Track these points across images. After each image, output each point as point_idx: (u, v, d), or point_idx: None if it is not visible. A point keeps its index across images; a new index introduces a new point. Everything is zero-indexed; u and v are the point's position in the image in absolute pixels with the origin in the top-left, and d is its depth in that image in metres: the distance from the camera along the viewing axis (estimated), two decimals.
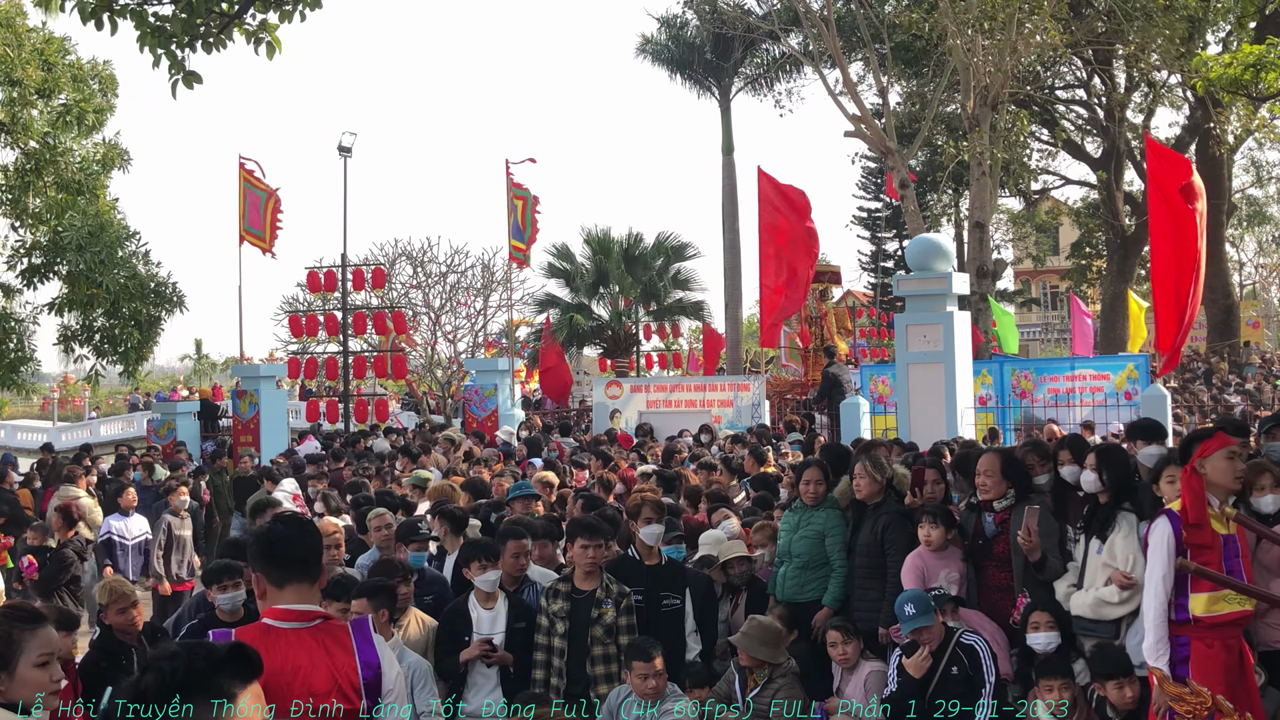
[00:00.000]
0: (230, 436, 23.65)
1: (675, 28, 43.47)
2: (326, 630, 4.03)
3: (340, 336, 26.01)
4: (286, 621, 3.97)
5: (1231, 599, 5.63)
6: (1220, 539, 5.71)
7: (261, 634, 3.92)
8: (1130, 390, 18.57)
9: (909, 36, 30.08)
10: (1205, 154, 34.65)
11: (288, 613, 3.99)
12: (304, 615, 4.00)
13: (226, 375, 57.34)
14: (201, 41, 7.83)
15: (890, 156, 26.44)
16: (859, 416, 18.70)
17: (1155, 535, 5.87)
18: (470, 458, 15.17)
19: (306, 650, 3.93)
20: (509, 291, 29.53)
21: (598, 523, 7.31)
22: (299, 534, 4.15)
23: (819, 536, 7.84)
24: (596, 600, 6.98)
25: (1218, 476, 5.75)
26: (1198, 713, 5.00)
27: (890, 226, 50.25)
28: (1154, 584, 5.80)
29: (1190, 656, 5.62)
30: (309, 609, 4.03)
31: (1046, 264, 56.88)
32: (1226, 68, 15.22)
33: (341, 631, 4.07)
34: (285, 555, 4.05)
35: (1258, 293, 64.63)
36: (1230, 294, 39.35)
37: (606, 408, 22.48)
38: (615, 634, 6.94)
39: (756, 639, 6.94)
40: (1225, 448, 5.78)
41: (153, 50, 7.64)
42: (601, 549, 7.10)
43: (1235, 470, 5.79)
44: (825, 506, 7.97)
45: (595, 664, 6.91)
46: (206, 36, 7.83)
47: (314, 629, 4.00)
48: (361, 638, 4.08)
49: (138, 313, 20.41)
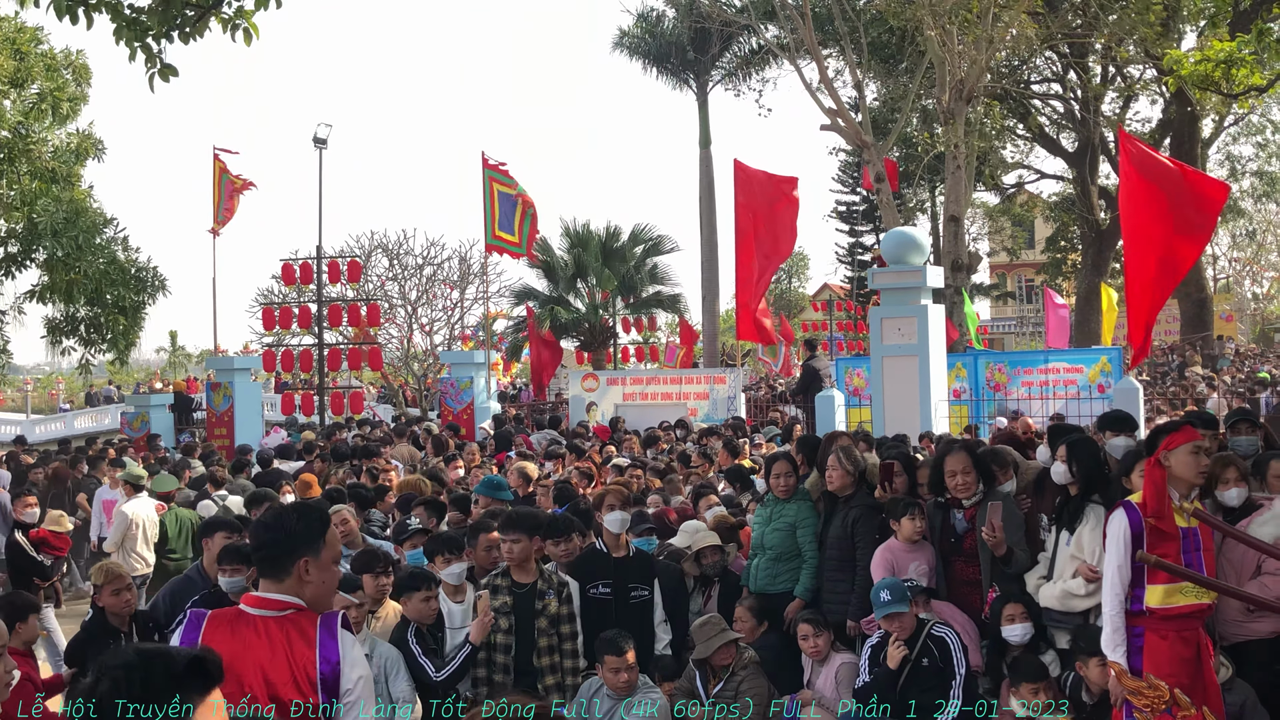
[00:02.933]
0: (205, 429, 23.56)
1: (652, 22, 43.50)
2: (294, 621, 4.03)
3: (315, 329, 25.93)
4: (260, 609, 4.02)
5: (1188, 592, 5.65)
6: (1180, 532, 5.74)
7: (234, 617, 4.01)
8: (1103, 383, 18.68)
9: (885, 31, 30.17)
10: (1179, 148, 34.83)
11: (264, 601, 4.04)
12: (278, 605, 4.03)
13: (201, 368, 57.08)
14: (178, 31, 7.79)
15: (867, 150, 26.52)
16: (834, 409, 18.76)
17: (1113, 527, 5.89)
18: (441, 450, 15.14)
19: (269, 639, 3.95)
20: (485, 284, 29.49)
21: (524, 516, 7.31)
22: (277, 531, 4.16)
23: (790, 529, 7.86)
24: (539, 592, 6.98)
25: (1181, 470, 5.77)
26: (1155, 706, 5.03)
27: (867, 220, 50.37)
28: (1110, 575, 5.85)
29: (1144, 648, 5.65)
30: (284, 599, 4.04)
31: (1021, 257, 57.13)
32: (1198, 64, 15.31)
33: (309, 624, 4.06)
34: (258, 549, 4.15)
35: (1231, 287, 65.04)
36: (1204, 288, 39.58)
37: (583, 400, 22.47)
38: (557, 624, 6.96)
39: (701, 639, 6.99)
40: (1191, 442, 5.79)
41: (129, 44, 7.60)
42: (522, 544, 7.06)
43: (1199, 465, 5.81)
44: (796, 499, 7.98)
45: (540, 655, 6.92)
46: (183, 26, 7.79)
47: (282, 619, 4.01)
48: (327, 633, 4.05)
49: (120, 299, 20.33)
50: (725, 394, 21.91)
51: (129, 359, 22.42)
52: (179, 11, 7.65)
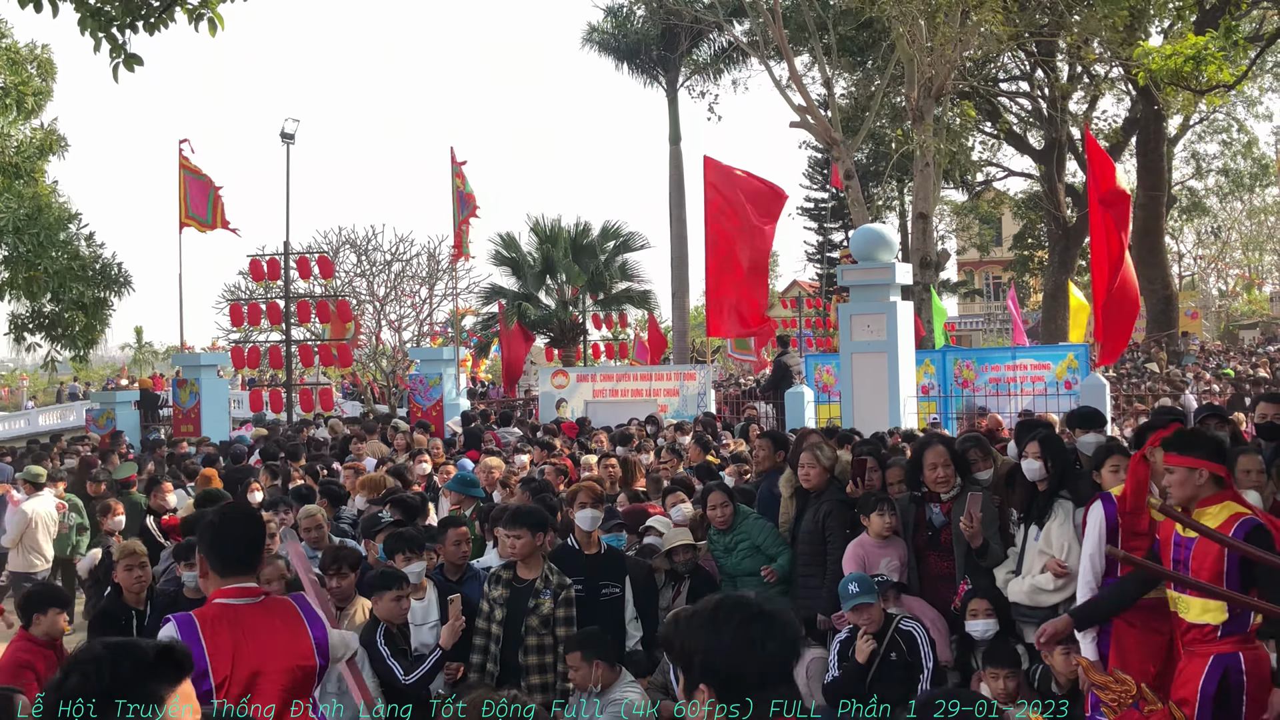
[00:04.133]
0: (171, 426, 23.39)
1: (622, 18, 43.42)
2: (274, 604, 4.55)
3: (283, 325, 25.78)
4: (240, 598, 4.42)
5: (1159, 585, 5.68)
6: (1155, 528, 5.77)
7: (219, 613, 4.36)
8: (1070, 379, 18.78)
9: (854, 28, 30.23)
10: (1146, 146, 35.06)
11: (239, 590, 4.43)
12: (250, 592, 4.46)
13: (168, 364, 56.66)
14: (143, 22, 7.73)
15: (835, 147, 26.57)
16: (804, 405, 18.81)
17: (1091, 517, 5.99)
18: (411, 447, 15.08)
19: (267, 619, 4.42)
20: (454, 281, 29.41)
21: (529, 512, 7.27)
22: (246, 529, 4.59)
23: (754, 548, 7.89)
24: (535, 590, 6.95)
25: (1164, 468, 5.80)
26: (1122, 701, 5.04)
27: (836, 217, 50.49)
28: (1084, 564, 5.97)
29: (1112, 636, 5.70)
30: (252, 587, 4.49)
31: (989, 255, 57.43)
32: (1168, 59, 15.40)
33: (285, 604, 4.59)
34: (231, 550, 4.51)
35: (1196, 284, 65.57)
36: (1169, 285, 39.82)
37: (553, 397, 22.42)
38: (552, 625, 6.92)
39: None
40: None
41: (93, 34, 7.54)
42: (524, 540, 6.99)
43: None
44: (740, 519, 7.97)
45: (528, 653, 6.87)
46: (148, 17, 7.72)
47: (263, 603, 4.48)
48: (305, 607, 4.64)
49: (83, 295, 20.17)
50: (695, 390, 21.92)
51: (90, 356, 22.23)
52: (143, 1, 7.59)
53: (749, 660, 2.81)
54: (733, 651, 2.81)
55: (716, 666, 2.81)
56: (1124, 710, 5.05)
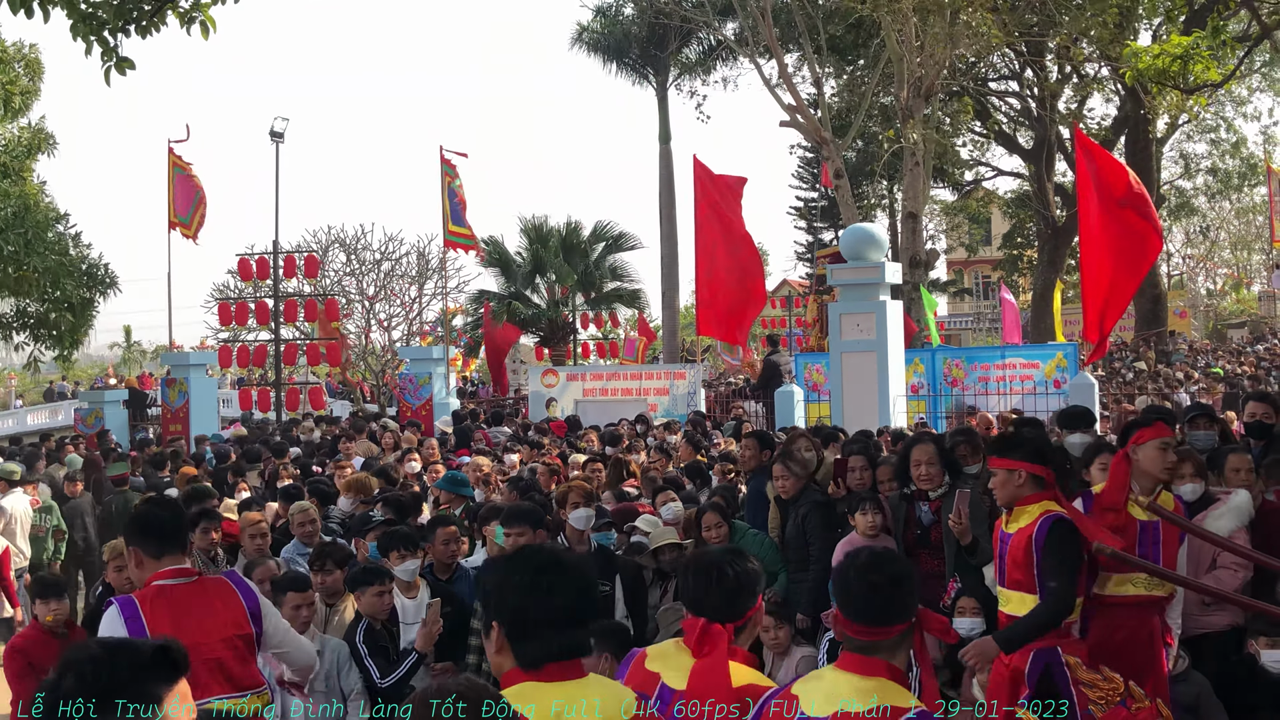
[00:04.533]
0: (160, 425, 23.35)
1: (611, 17, 43.41)
2: (209, 582, 5.01)
3: (272, 324, 25.72)
4: (175, 579, 4.85)
5: (1138, 582, 5.72)
6: (1137, 525, 5.79)
7: (158, 593, 4.77)
8: (1059, 379, 18.81)
9: (844, 28, 30.24)
10: (1135, 146, 35.12)
11: (175, 572, 4.86)
12: (186, 573, 4.91)
13: (156, 363, 56.50)
14: (135, 26, 7.71)
15: (825, 147, 26.59)
16: (793, 404, 18.82)
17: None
18: (399, 446, 15.07)
19: (203, 597, 4.86)
20: (444, 280, 29.37)
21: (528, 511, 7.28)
22: (170, 513, 5.07)
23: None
24: None
25: (1148, 465, 5.84)
26: (1110, 699, 5.06)
27: (826, 217, 50.52)
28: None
29: (1090, 633, 5.71)
30: (187, 568, 4.96)
31: (978, 254, 57.48)
32: (1155, 59, 15.41)
33: (219, 581, 5.06)
34: (160, 532, 4.94)
35: (1184, 283, 65.72)
36: (1158, 284, 39.93)
37: (543, 396, 22.41)
38: None
39: (664, 623, 7.02)
40: (1160, 438, 5.87)
41: (85, 38, 7.52)
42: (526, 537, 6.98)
43: (1165, 461, 5.87)
44: (736, 537, 7.91)
45: None
46: (140, 20, 7.70)
47: (197, 583, 4.92)
48: (237, 579, 5.17)
49: (70, 295, 20.14)
50: (685, 389, 21.92)
51: (75, 356, 22.21)
52: (135, 5, 7.57)
53: (537, 603, 3.09)
54: (522, 593, 3.10)
55: (508, 605, 3.11)
56: (1112, 708, 5.06)
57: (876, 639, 3.34)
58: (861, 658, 3.34)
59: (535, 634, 3.08)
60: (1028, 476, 5.48)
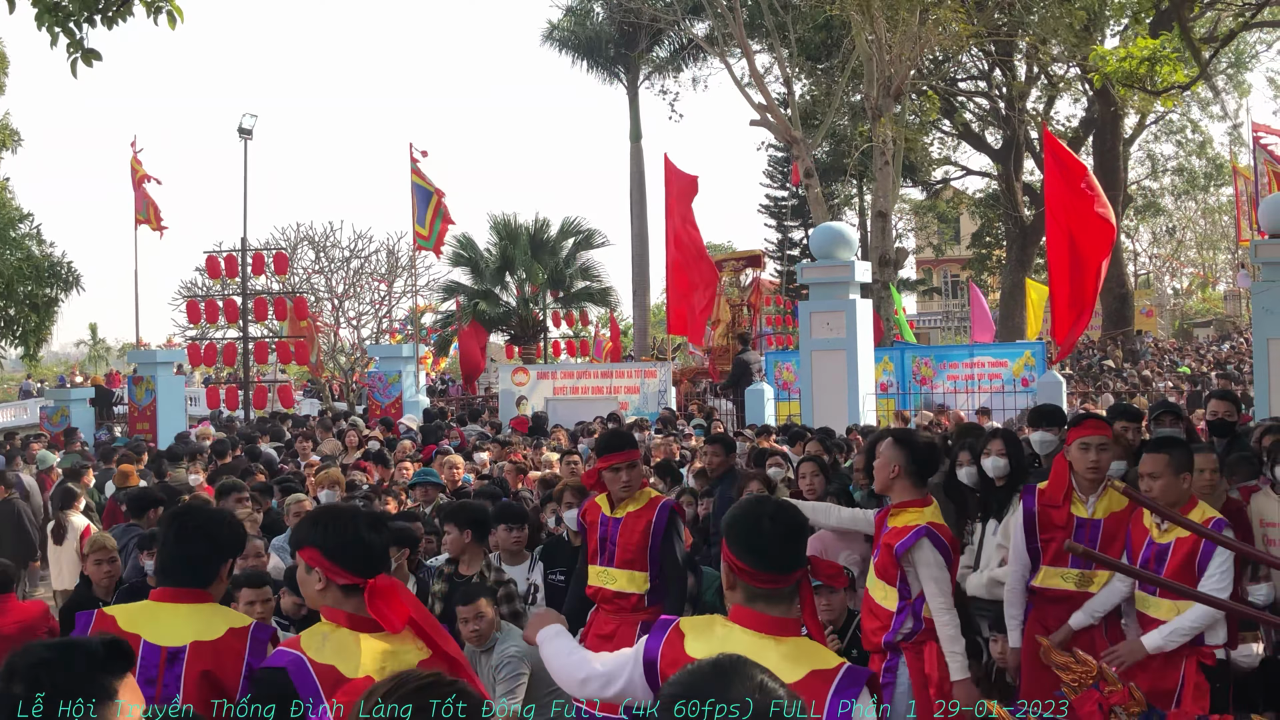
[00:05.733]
0: (126, 423, 23.20)
1: (581, 15, 43.38)
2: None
3: (240, 322, 25.58)
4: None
5: (1069, 578, 5.94)
6: (1075, 522, 5.94)
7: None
8: (1027, 377, 18.94)
9: (814, 27, 30.33)
10: (1102, 146, 35.37)
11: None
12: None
13: (124, 361, 56.09)
14: (101, 16, 7.64)
15: (795, 145, 26.66)
16: (763, 403, 18.87)
17: (1015, 510, 6.24)
18: (362, 445, 15.01)
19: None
20: (414, 278, 29.27)
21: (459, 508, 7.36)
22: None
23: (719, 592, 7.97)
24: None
25: (1074, 463, 6.01)
26: (1083, 682, 5.10)
27: (796, 215, 50.67)
28: (1010, 555, 6.23)
29: (1026, 622, 5.96)
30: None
31: (947, 253, 57.75)
32: (1123, 61, 15.54)
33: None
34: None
35: (1151, 282, 66.22)
36: (1125, 283, 40.23)
37: (513, 394, 22.37)
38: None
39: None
40: (1080, 438, 6.01)
41: (50, 29, 7.45)
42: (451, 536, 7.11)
43: (1085, 460, 5.96)
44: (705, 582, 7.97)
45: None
46: (106, 11, 7.63)
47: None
48: None
49: (33, 294, 20.00)
50: (656, 387, 21.92)
51: (39, 354, 22.05)
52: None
53: (354, 546, 3.52)
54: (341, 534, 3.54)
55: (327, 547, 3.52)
56: (1084, 690, 5.09)
57: (781, 586, 3.31)
58: (765, 616, 3.29)
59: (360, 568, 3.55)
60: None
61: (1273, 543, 6.76)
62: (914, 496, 5.63)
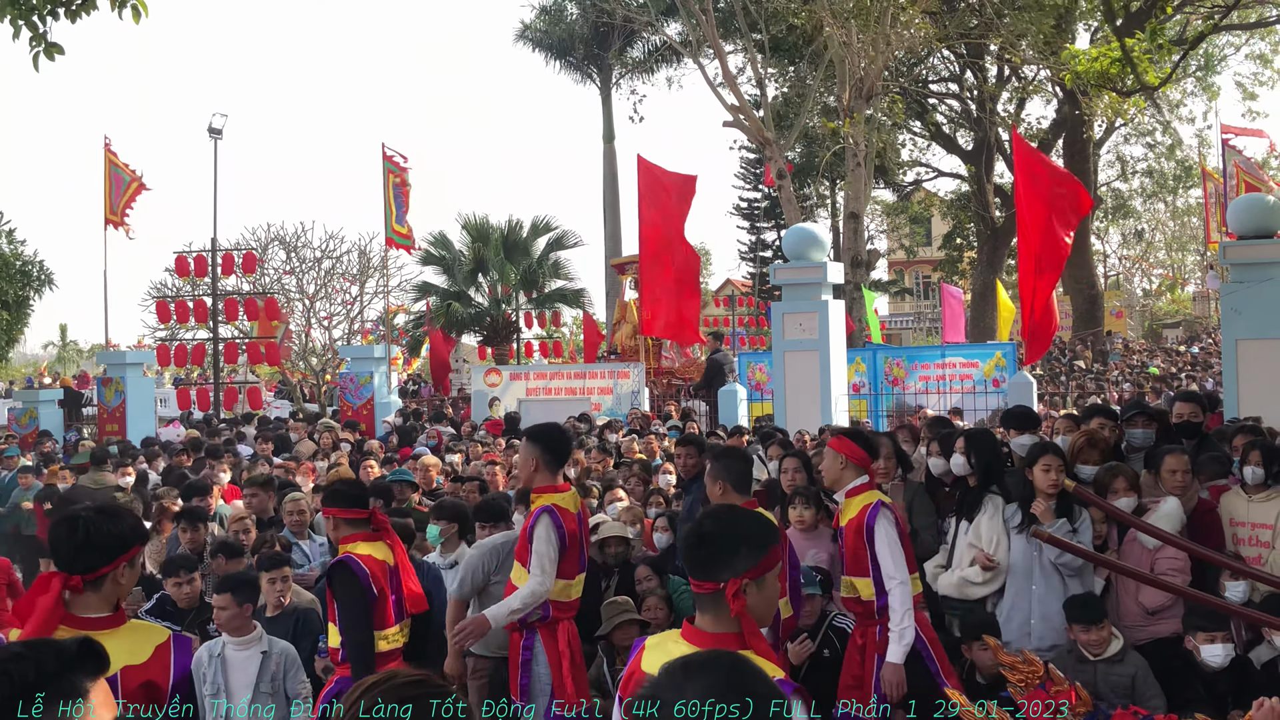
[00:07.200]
0: (95, 425, 23.02)
1: (555, 15, 43.34)
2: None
3: (210, 323, 25.44)
4: None
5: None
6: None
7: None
8: (998, 377, 19.03)
9: (786, 29, 30.37)
10: (1072, 148, 35.55)
11: None
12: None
13: (92, 362, 55.68)
14: (65, 9, 7.58)
15: (768, 147, 26.70)
16: (736, 403, 18.89)
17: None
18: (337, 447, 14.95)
19: None
20: (385, 278, 29.19)
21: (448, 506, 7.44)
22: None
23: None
24: None
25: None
26: (1029, 682, 5.15)
27: (769, 217, 50.76)
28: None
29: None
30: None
31: (919, 254, 57.93)
32: (1094, 61, 15.64)
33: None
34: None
35: (1121, 283, 66.61)
36: (1095, 284, 40.44)
37: (485, 395, 22.31)
38: None
39: (606, 615, 7.08)
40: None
41: (13, 21, 7.38)
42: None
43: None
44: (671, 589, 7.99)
45: None
46: (69, 4, 7.57)
47: None
48: None
49: (4, 293, 19.85)
50: (629, 388, 21.90)
51: (10, 355, 21.86)
52: None
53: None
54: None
55: None
56: (1031, 690, 5.14)
57: (700, 591, 3.27)
58: (695, 628, 3.29)
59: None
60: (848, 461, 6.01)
61: (1242, 541, 6.82)
62: (861, 483, 5.90)
